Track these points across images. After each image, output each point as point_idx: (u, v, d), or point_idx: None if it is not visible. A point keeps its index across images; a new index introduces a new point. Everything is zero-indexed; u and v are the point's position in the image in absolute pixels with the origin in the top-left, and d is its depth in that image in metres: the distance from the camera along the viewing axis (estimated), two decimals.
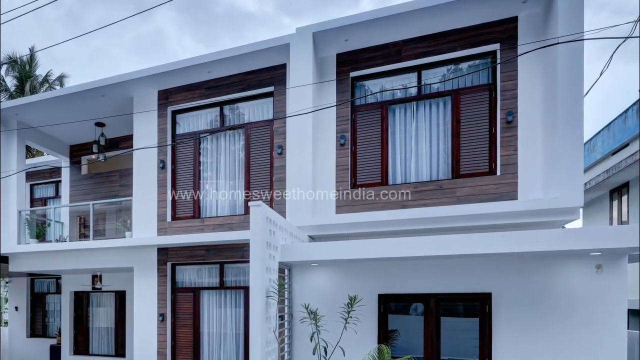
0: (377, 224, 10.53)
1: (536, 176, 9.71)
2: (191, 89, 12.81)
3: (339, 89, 11.16)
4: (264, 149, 12.19)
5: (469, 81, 10.42)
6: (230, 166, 12.72)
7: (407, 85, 10.86)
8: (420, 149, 10.83)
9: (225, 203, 12.74)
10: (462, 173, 10.36)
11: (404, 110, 10.94)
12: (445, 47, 10.40)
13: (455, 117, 10.43)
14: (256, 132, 12.29)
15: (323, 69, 11.27)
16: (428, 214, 10.04)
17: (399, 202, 10.63)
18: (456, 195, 10.26)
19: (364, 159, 11.13)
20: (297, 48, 10.90)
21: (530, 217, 9.47)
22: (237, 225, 12.30)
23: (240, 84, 12.27)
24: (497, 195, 9.92)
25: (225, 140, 12.80)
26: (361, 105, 11.17)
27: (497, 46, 10.05)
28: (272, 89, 11.94)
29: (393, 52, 10.79)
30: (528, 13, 9.78)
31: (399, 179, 10.98)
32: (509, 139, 9.90)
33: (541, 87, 9.65)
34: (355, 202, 10.96)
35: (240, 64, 11.88)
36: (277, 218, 8.87)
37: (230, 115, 12.73)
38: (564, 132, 8.93)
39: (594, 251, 7.98)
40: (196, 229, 12.74)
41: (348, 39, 10.74)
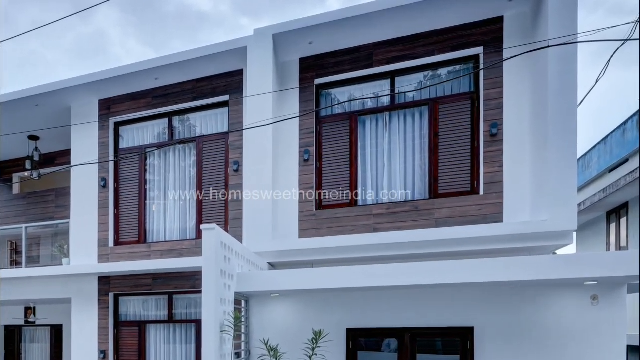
0: (346, 249, 10.31)
1: (524, 196, 9.56)
2: (136, 98, 12.54)
3: (303, 98, 10.99)
4: (218, 165, 11.92)
5: (448, 89, 10.24)
6: (181, 185, 12.47)
7: (379, 94, 10.70)
8: (394, 165, 10.64)
9: (174, 226, 12.52)
10: (441, 192, 10.17)
11: (376, 121, 10.74)
12: (421, 51, 10.21)
13: (433, 129, 10.21)
14: (209, 147, 12.03)
15: (284, 76, 11.11)
16: (403, 239, 9.83)
17: (369, 225, 10.45)
18: (434, 217, 10.08)
19: (330, 177, 10.95)
20: (255, 52, 10.69)
21: (518, 242, 9.28)
22: (188, 251, 12.07)
23: (191, 92, 12.04)
24: (480, 217, 9.77)
25: (174, 155, 12.54)
26: (327, 116, 10.98)
27: (480, 50, 9.85)
28: (227, 98, 11.71)
29: (363, 57, 10.60)
30: (515, 13, 9.58)
31: (370, 199, 10.77)
32: (494, 154, 9.72)
33: (530, 95, 9.49)
34: (320, 225, 10.81)
35: (191, 69, 11.65)
36: (232, 243, 8.68)
37: (180, 127, 12.48)
38: (556, 146, 8.75)
39: (589, 280, 7.79)
40: (142, 255, 12.50)
41: (312, 41, 10.53)
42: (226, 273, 8.28)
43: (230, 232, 11.44)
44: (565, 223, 8.74)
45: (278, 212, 10.98)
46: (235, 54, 11.08)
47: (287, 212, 11.01)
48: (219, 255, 7.96)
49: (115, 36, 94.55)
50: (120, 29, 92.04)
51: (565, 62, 8.68)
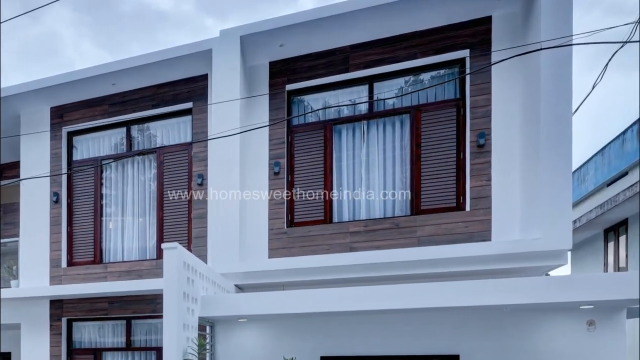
0: (320, 270, 10.17)
1: (514, 212, 9.43)
2: (91, 105, 12.34)
3: (273, 105, 10.85)
4: (181, 179, 11.72)
5: (431, 95, 10.11)
6: (140, 200, 12.28)
7: (356, 101, 10.57)
8: (373, 178, 10.49)
9: (133, 245, 12.30)
10: (424, 208, 10.02)
11: (352, 131, 10.61)
12: (402, 54, 10.06)
13: (414, 139, 10.09)
14: (171, 159, 11.83)
15: (253, 81, 10.97)
16: (382, 259, 9.68)
17: (346, 244, 10.30)
18: (416, 235, 9.92)
19: (303, 191, 10.78)
20: (221, 55, 10.54)
21: (507, 263, 9.17)
22: (148, 272, 11.85)
23: (151, 99, 11.83)
24: (467, 235, 9.63)
25: (133, 168, 12.33)
26: (300, 125, 10.85)
27: (466, 53, 9.73)
28: (191, 105, 11.54)
29: (338, 60, 10.45)
30: (504, 12, 9.44)
31: (346, 215, 10.62)
32: (481, 166, 9.57)
33: (520, 102, 9.36)
34: (292, 243, 10.66)
35: (151, 74, 11.47)
36: (196, 264, 8.61)
37: (140, 137, 12.27)
38: (549, 158, 8.61)
39: (585, 304, 7.69)
40: (98, 276, 12.23)
41: (283, 44, 10.38)
42: (189, 296, 8.19)
43: (194, 251, 11.28)
44: (558, 242, 8.60)
45: (246, 229, 10.80)
46: (199, 58, 10.92)
47: (256, 230, 10.86)
48: (182, 277, 7.87)
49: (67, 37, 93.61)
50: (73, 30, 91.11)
51: (559, 66, 8.54)
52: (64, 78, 11.76)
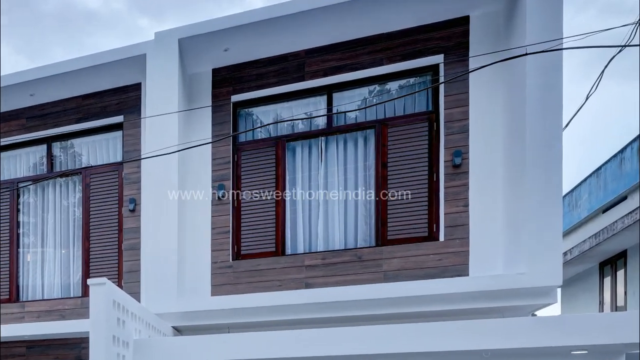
0: (271, 310, 9.73)
1: (495, 243, 9.08)
2: (6, 119, 11.88)
3: (216, 119, 10.54)
4: (110, 204, 11.28)
5: (400, 108, 9.85)
6: (63, 228, 11.79)
7: (313, 114, 10.23)
8: (332, 204, 10.19)
9: (54, 281, 11.77)
10: (391, 239, 9.66)
11: (309, 148, 10.33)
12: (366, 60, 9.77)
13: (380, 158, 9.75)
14: (99, 181, 11.36)
15: (194, 91, 10.65)
16: (342, 296, 9.28)
17: (300, 280, 9.97)
18: (382, 269, 9.58)
19: (251, 218, 10.42)
20: (156, 61, 10.16)
21: (487, 301, 8.75)
22: (72, 312, 11.32)
23: (76, 112, 11.42)
24: (440, 269, 9.31)
25: (55, 191, 11.85)
26: (247, 142, 10.55)
27: (439, 58, 9.44)
28: (122, 119, 11.15)
29: (292, 67, 10.17)
30: (484, 12, 9.12)
31: (301, 246, 10.31)
32: (457, 189, 9.24)
33: (503, 116, 9.04)
34: (238, 279, 10.29)
35: (76, 83, 11.05)
36: (128, 302, 8.34)
37: (63, 156, 11.86)
38: (535, 180, 8.26)
39: (578, 349, 7.38)
40: (13, 317, 11.67)
41: (228, 48, 10.08)
42: (120, 340, 7.91)
43: (125, 288, 10.84)
44: (547, 277, 8.26)
45: (185, 263, 10.38)
46: (131, 64, 10.57)
47: (197, 263, 10.48)
48: (111, 318, 7.64)
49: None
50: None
51: (548, 73, 8.23)
52: None
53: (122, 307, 8.03)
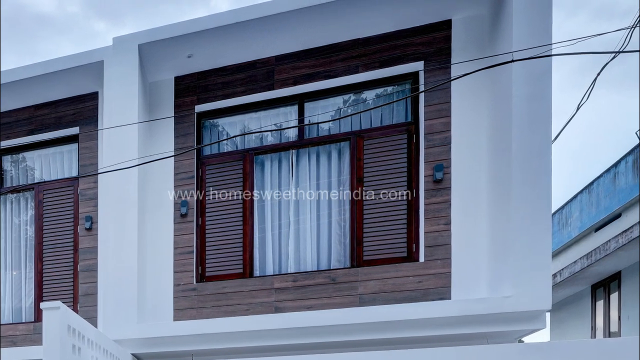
0: (238, 335, 9.47)
1: (479, 264, 8.90)
2: None
3: (179, 131, 10.36)
4: (65, 222, 11.03)
5: (377, 119, 9.65)
6: (14, 248, 11.59)
7: (283, 125, 10.14)
8: (303, 222, 10.02)
9: (5, 305, 11.60)
10: (367, 259, 9.47)
11: (278, 162, 10.14)
12: (340, 68, 9.61)
13: (356, 173, 9.56)
14: (53, 197, 11.12)
15: (155, 101, 10.47)
16: (315, 322, 9.07)
17: (270, 304, 9.80)
18: (357, 292, 9.40)
19: (217, 238, 10.22)
20: (114, 68, 9.95)
21: (471, 326, 8.55)
22: (24, 338, 11.09)
23: (27, 123, 11.24)
24: (421, 292, 9.12)
25: (5, 208, 11.66)
26: (213, 156, 10.37)
27: (419, 65, 9.26)
28: (77, 130, 10.94)
29: (261, 75, 10.01)
30: (467, 15, 8.96)
31: (270, 267, 10.12)
32: (438, 206, 9.06)
33: (487, 128, 8.86)
34: (203, 302, 10.10)
35: (28, 92, 10.85)
36: (84, 328, 8.03)
37: (13, 170, 11.67)
38: (522, 196, 8.05)
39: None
40: None
41: (192, 54, 9.90)
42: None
43: (81, 312, 10.58)
44: (534, 301, 8.07)
45: (146, 285, 10.19)
46: (87, 72, 10.36)
47: (159, 286, 10.29)
48: (66, 344, 7.32)
49: None
50: None
51: (536, 82, 8.04)
52: None
53: (78, 333, 7.76)
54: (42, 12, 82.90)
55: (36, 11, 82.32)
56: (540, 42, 7.82)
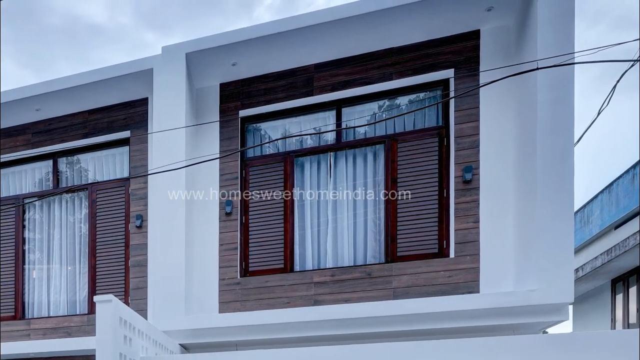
0: (279, 327, 9.76)
1: (506, 260, 9.15)
2: (12, 134, 12.05)
3: (224, 135, 10.64)
4: (117, 220, 11.37)
5: (410, 123, 9.94)
6: (69, 245, 11.87)
7: (322, 129, 10.39)
8: (341, 220, 10.27)
9: (60, 298, 11.85)
10: (401, 255, 9.73)
11: (317, 164, 10.42)
12: (376, 75, 9.86)
13: (390, 174, 9.84)
14: (105, 197, 11.47)
15: (201, 106, 10.74)
16: (351, 314, 9.32)
17: (309, 297, 10.06)
18: (392, 286, 9.64)
19: (259, 235, 10.51)
20: (163, 75, 10.25)
21: (498, 318, 8.80)
22: (78, 329, 11.36)
23: (82, 127, 11.54)
24: (451, 286, 9.38)
25: (61, 207, 11.95)
26: (256, 158, 10.66)
27: (450, 73, 9.53)
28: (128, 134, 11.27)
29: (301, 82, 10.27)
30: (495, 26, 9.25)
31: (309, 263, 10.39)
32: (468, 205, 9.33)
33: (514, 131, 9.12)
34: (246, 296, 10.36)
35: (82, 98, 11.16)
36: (135, 319, 8.14)
37: (69, 172, 11.96)
38: (547, 196, 8.29)
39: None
40: (19, 334, 11.77)
41: (237, 62, 10.17)
42: (126, 357, 7.74)
43: (132, 305, 10.91)
44: (558, 294, 8.29)
45: (193, 279, 10.46)
46: (138, 79, 10.68)
47: (205, 280, 10.55)
48: (117, 335, 7.44)
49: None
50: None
51: (559, 88, 8.25)
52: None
53: (129, 325, 7.96)
54: (95, 23, 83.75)
55: (90, 22, 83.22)
56: (563, 51, 8.06)
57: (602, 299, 18.81)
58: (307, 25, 9.38)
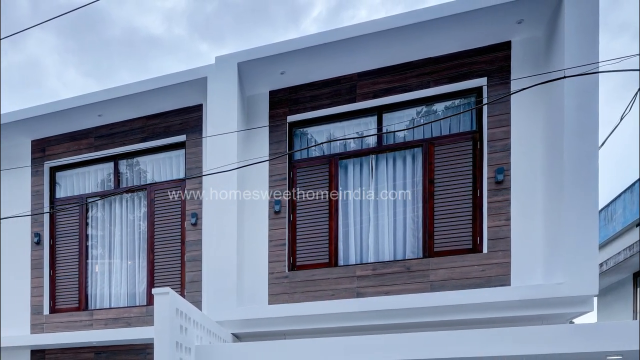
0: (324, 317, 10.07)
1: (535, 255, 9.37)
2: (76, 138, 12.32)
3: (273, 138, 10.86)
4: (173, 218, 11.68)
5: (445, 128, 10.13)
6: (129, 241, 12.21)
7: (364, 133, 10.56)
8: (382, 218, 10.48)
9: (121, 290, 12.19)
10: (437, 250, 10.00)
11: (360, 166, 10.61)
12: (414, 83, 10.07)
13: (427, 175, 10.08)
14: (163, 196, 11.76)
15: (252, 112, 10.99)
16: (391, 305, 9.59)
17: (352, 289, 10.27)
18: (429, 279, 9.89)
19: (306, 232, 10.77)
20: (216, 83, 10.48)
21: (528, 309, 9.05)
22: (137, 319, 11.72)
23: (141, 131, 11.82)
24: (484, 280, 9.60)
25: (121, 206, 12.29)
26: (302, 160, 10.86)
27: (483, 81, 9.75)
28: (184, 138, 11.57)
29: (345, 90, 10.47)
30: (525, 37, 9.46)
31: (352, 258, 10.61)
32: (500, 204, 9.54)
33: (542, 136, 9.33)
34: (294, 288, 10.62)
35: (141, 105, 11.45)
36: (190, 310, 8.47)
37: (128, 173, 12.26)
38: (573, 196, 8.52)
39: (613, 354, 7.51)
40: (82, 324, 12.12)
41: (285, 71, 10.39)
42: (182, 346, 8.06)
43: (188, 297, 11.20)
44: (584, 287, 8.52)
45: (244, 273, 10.75)
46: (193, 86, 10.92)
47: (255, 274, 10.81)
48: (174, 325, 7.76)
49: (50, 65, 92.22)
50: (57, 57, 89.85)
51: (585, 95, 8.49)
52: (47, 109, 11.67)
53: (185, 315, 8.18)
54: (153, 34, 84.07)
55: (148, 34, 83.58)
56: (588, 61, 8.32)
57: (624, 292, 18.49)
58: (350, 37, 9.56)
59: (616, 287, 19.08)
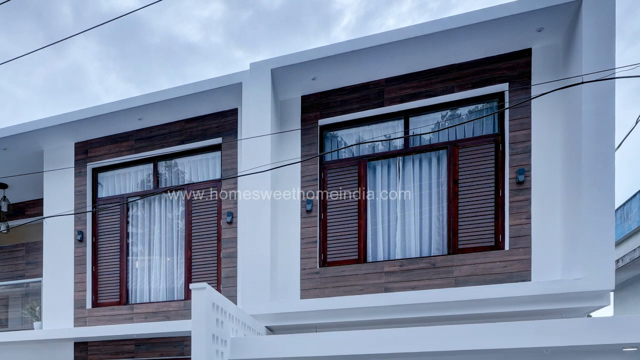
0: (353, 311, 10.27)
1: (554, 252, 9.57)
2: (117, 140, 12.61)
3: (305, 141, 11.08)
4: (210, 216, 11.91)
5: (469, 131, 10.29)
6: (167, 239, 12.47)
7: (391, 136, 10.72)
8: (408, 216, 10.68)
9: (160, 286, 12.46)
10: (461, 248, 10.21)
11: (387, 167, 10.80)
12: (439, 88, 10.27)
13: (452, 176, 10.29)
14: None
15: (284, 116, 11.17)
16: (418, 299, 9.80)
17: (380, 285, 10.47)
18: (453, 275, 10.10)
19: (336, 230, 10.98)
20: (251, 89, 10.69)
21: (548, 304, 9.28)
22: (176, 313, 11.99)
23: (179, 134, 12.09)
24: (506, 275, 9.79)
25: (160, 205, 12.56)
26: (333, 162, 11.06)
27: (505, 86, 9.93)
28: (220, 140, 11.78)
29: (373, 95, 10.66)
30: (544, 45, 9.64)
31: (380, 254, 10.81)
32: (521, 204, 9.75)
33: (561, 138, 9.52)
34: (325, 284, 10.82)
35: (179, 109, 11.70)
36: (226, 305, 8.66)
37: (167, 174, 12.51)
38: (590, 195, 8.73)
39: (629, 346, 7.68)
40: (123, 318, 12.42)
41: (316, 77, 10.62)
42: (218, 338, 8.22)
43: (223, 292, 11.44)
44: (601, 282, 8.72)
45: (277, 269, 10.95)
46: (228, 91, 11.14)
47: (288, 270, 11.02)
48: (210, 319, 7.92)
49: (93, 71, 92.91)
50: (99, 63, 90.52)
51: (602, 100, 8.67)
52: (89, 113, 11.89)
53: (221, 309, 8.36)
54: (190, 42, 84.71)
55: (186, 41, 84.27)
56: (605, 67, 8.53)
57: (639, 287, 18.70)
58: (378, 44, 9.70)
59: (631, 283, 19.35)
